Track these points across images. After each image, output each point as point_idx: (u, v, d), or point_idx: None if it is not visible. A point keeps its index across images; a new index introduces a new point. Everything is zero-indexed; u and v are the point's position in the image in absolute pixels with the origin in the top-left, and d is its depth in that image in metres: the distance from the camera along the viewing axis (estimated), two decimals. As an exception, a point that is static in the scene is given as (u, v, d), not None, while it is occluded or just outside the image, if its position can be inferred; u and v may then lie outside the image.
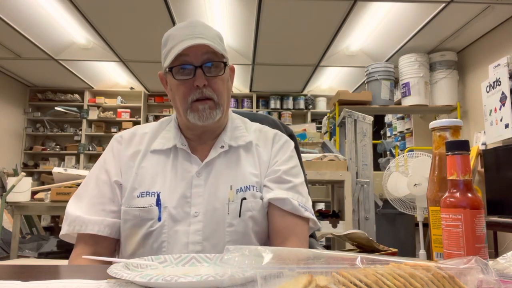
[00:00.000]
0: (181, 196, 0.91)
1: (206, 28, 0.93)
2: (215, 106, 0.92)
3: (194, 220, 0.89)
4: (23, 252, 3.28)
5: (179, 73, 0.91)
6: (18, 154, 6.17)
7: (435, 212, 0.66)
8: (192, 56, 0.89)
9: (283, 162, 0.98)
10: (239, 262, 0.45)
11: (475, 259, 0.46)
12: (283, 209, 0.92)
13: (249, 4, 3.52)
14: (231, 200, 0.91)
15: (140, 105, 6.49)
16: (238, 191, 0.93)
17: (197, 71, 0.89)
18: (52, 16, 3.80)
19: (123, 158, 0.97)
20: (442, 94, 4.21)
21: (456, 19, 3.68)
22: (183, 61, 0.89)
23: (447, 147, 0.61)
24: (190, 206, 0.90)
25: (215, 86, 0.91)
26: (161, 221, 0.88)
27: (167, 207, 0.89)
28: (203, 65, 0.89)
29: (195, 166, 0.94)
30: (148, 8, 3.61)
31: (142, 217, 0.89)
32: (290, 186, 0.95)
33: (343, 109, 2.93)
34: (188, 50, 0.88)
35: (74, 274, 0.67)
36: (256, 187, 0.94)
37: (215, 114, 0.92)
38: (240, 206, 0.91)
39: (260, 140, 1.02)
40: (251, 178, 0.95)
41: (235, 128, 1.03)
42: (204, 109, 0.91)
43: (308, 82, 5.92)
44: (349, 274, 0.42)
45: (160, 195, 0.90)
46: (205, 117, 0.91)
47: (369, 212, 2.66)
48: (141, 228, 0.89)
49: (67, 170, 2.89)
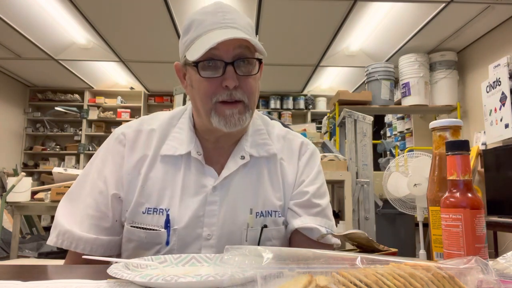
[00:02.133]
0: (193, 215, 0.79)
1: (238, 15, 0.78)
2: (245, 110, 0.78)
3: (206, 243, 0.79)
4: (23, 252, 3.28)
5: (206, 69, 0.76)
6: (18, 154, 6.17)
7: (435, 212, 0.66)
8: (222, 49, 0.74)
9: (310, 181, 0.88)
10: (239, 262, 0.45)
11: (475, 259, 0.46)
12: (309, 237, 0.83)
13: (249, 4, 3.52)
14: (250, 226, 0.81)
15: (140, 105, 6.49)
16: (258, 215, 0.82)
17: (228, 69, 0.74)
18: (52, 16, 3.79)
19: (127, 166, 0.83)
20: (442, 94, 4.21)
21: (456, 19, 3.68)
22: (211, 54, 0.74)
23: (447, 147, 0.61)
24: (202, 227, 0.79)
25: (247, 87, 0.77)
26: (169, 246, 0.78)
27: (176, 228, 0.78)
28: (235, 62, 0.75)
29: (210, 179, 0.82)
30: (148, 8, 3.60)
31: (148, 240, 0.79)
32: (318, 210, 0.86)
33: (343, 109, 2.92)
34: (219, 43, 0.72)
35: (74, 274, 0.67)
36: (279, 212, 0.84)
37: (244, 119, 0.78)
38: (260, 235, 0.81)
39: (285, 152, 0.90)
40: (274, 202, 0.84)
41: (257, 132, 0.89)
42: (233, 114, 0.76)
43: (308, 82, 5.92)
44: (349, 274, 0.42)
45: (170, 215, 0.79)
46: (233, 123, 0.77)
47: (369, 212, 2.66)
48: (146, 251, 0.79)
49: (67, 170, 2.89)
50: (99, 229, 0.81)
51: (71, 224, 0.79)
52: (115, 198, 0.82)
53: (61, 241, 0.79)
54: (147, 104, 6.72)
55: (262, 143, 0.88)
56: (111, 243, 0.82)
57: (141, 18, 3.81)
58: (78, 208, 0.82)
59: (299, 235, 0.84)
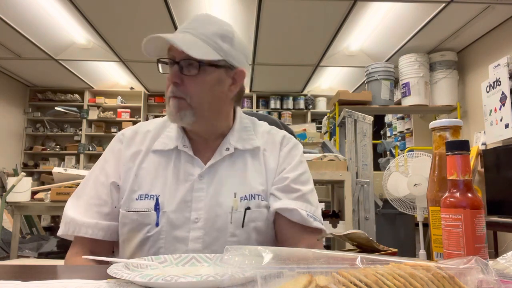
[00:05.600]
0: (181, 200, 0.87)
1: (204, 24, 0.88)
2: (186, 107, 0.86)
3: (194, 226, 0.86)
4: (23, 252, 3.28)
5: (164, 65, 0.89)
6: (18, 154, 6.17)
7: (435, 212, 0.66)
8: (175, 51, 0.85)
9: (291, 169, 0.94)
10: (239, 262, 0.45)
11: (475, 259, 0.46)
12: (291, 220, 0.88)
13: (249, 4, 3.52)
14: (235, 209, 0.87)
15: (140, 105, 6.49)
16: (242, 199, 0.89)
17: (173, 67, 0.86)
18: (52, 16, 3.79)
19: (123, 158, 0.93)
20: (442, 94, 4.21)
21: (456, 19, 3.68)
22: (169, 55, 0.87)
23: (447, 147, 0.61)
24: (190, 211, 0.87)
25: (188, 86, 0.86)
26: (159, 227, 0.85)
27: (166, 211, 0.86)
28: (180, 62, 0.85)
29: (197, 169, 0.90)
30: (148, 8, 3.61)
31: (139, 222, 0.86)
32: (298, 195, 0.91)
33: (343, 109, 2.92)
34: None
35: (74, 274, 0.67)
36: (261, 196, 0.90)
37: (184, 115, 0.87)
38: (244, 216, 0.87)
39: (268, 144, 0.97)
40: (257, 187, 0.91)
41: (243, 129, 0.98)
42: (174, 106, 0.86)
43: (308, 82, 5.92)
44: (349, 274, 0.42)
45: (159, 199, 0.87)
46: (173, 115, 0.87)
47: (369, 212, 2.66)
48: (138, 232, 0.86)
49: (67, 170, 2.89)
50: (99, 215, 0.90)
51: (75, 214, 0.89)
52: (113, 187, 0.92)
53: (67, 229, 0.88)
54: (147, 104, 6.72)
55: (247, 138, 0.97)
56: (111, 228, 0.90)
57: (141, 18, 3.81)
58: (83, 200, 0.92)
59: (280, 216, 0.90)
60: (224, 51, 0.87)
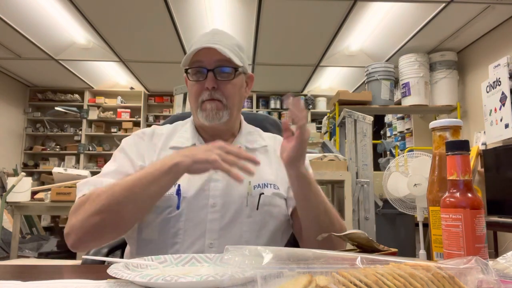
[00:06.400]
0: (199, 188, 0.94)
1: (226, 36, 1.00)
2: (223, 107, 0.97)
3: (212, 209, 0.93)
4: (23, 252, 3.28)
5: (193, 74, 0.98)
6: (18, 154, 6.17)
7: (435, 212, 0.66)
8: (206, 61, 0.96)
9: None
10: (239, 262, 0.45)
11: (475, 259, 0.46)
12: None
13: (249, 4, 3.52)
14: (249, 194, 0.95)
15: (140, 105, 6.49)
16: (256, 187, 0.97)
17: (209, 74, 0.96)
18: (52, 16, 3.79)
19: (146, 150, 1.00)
20: (442, 94, 4.21)
21: (456, 19, 3.68)
22: (199, 64, 0.97)
23: (447, 147, 0.61)
24: (208, 198, 0.94)
25: (224, 89, 0.97)
26: (179, 209, 0.92)
27: (186, 197, 0.93)
28: (214, 69, 0.96)
29: None
30: (148, 8, 3.60)
31: (161, 203, 0.90)
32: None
33: (343, 109, 2.92)
34: (203, 55, 0.95)
35: (74, 274, 0.67)
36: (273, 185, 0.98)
37: (222, 115, 0.97)
38: (258, 200, 0.95)
39: (276, 145, 1.05)
40: (268, 177, 0.99)
41: (249, 133, 1.09)
42: (212, 108, 0.96)
43: (308, 82, 5.92)
44: (349, 274, 0.42)
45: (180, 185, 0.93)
46: (212, 116, 0.96)
47: (369, 212, 2.66)
48: (159, 214, 0.91)
49: (67, 170, 2.89)
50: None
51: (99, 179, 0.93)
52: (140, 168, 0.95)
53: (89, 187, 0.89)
54: (147, 104, 6.72)
55: (254, 140, 1.07)
56: None
57: (141, 18, 3.81)
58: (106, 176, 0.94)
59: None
60: (243, 59, 1.02)
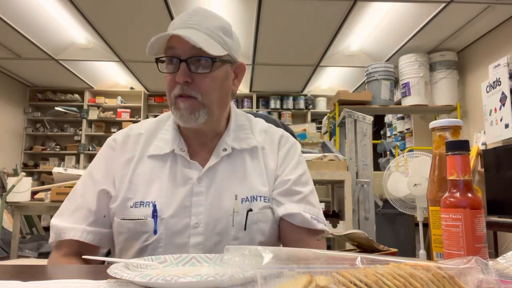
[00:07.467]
0: (180, 205, 0.83)
1: (206, 18, 0.84)
2: (198, 106, 0.82)
3: (194, 231, 0.82)
4: (23, 252, 3.28)
5: (167, 65, 0.84)
6: (18, 154, 6.17)
7: (435, 212, 0.66)
8: (179, 48, 0.81)
9: (290, 170, 0.92)
10: (239, 262, 0.45)
11: (475, 259, 0.46)
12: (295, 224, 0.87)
13: (249, 4, 3.52)
14: (236, 211, 0.84)
15: (140, 105, 6.49)
16: (244, 201, 0.86)
17: (181, 65, 0.80)
18: (52, 16, 3.79)
19: (116, 166, 0.89)
20: (442, 94, 4.21)
21: (456, 19, 3.68)
22: (171, 53, 0.82)
23: (447, 147, 0.61)
24: (190, 216, 0.83)
25: (200, 84, 0.81)
26: (157, 235, 0.81)
27: (164, 218, 0.82)
28: (188, 59, 0.80)
29: (195, 172, 0.86)
30: (148, 8, 3.60)
31: (136, 230, 0.82)
32: (300, 197, 0.89)
33: (343, 109, 2.92)
34: (177, 41, 0.80)
35: (74, 274, 0.67)
36: (264, 198, 0.88)
37: (197, 115, 0.83)
38: (246, 218, 0.84)
39: (266, 143, 0.95)
40: (258, 187, 0.88)
41: (239, 127, 0.94)
42: (185, 108, 0.82)
43: (308, 82, 5.92)
44: (349, 274, 0.42)
45: (157, 205, 0.83)
46: (186, 117, 0.82)
47: (369, 212, 2.66)
48: (135, 241, 0.82)
49: (67, 170, 2.89)
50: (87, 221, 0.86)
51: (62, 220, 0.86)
52: (102, 194, 0.87)
53: (55, 236, 0.85)
54: (147, 104, 6.72)
55: (244, 137, 0.93)
56: (100, 234, 0.87)
57: (141, 18, 3.81)
58: (70, 206, 0.89)
59: (285, 222, 0.88)
60: (228, 45, 0.85)
